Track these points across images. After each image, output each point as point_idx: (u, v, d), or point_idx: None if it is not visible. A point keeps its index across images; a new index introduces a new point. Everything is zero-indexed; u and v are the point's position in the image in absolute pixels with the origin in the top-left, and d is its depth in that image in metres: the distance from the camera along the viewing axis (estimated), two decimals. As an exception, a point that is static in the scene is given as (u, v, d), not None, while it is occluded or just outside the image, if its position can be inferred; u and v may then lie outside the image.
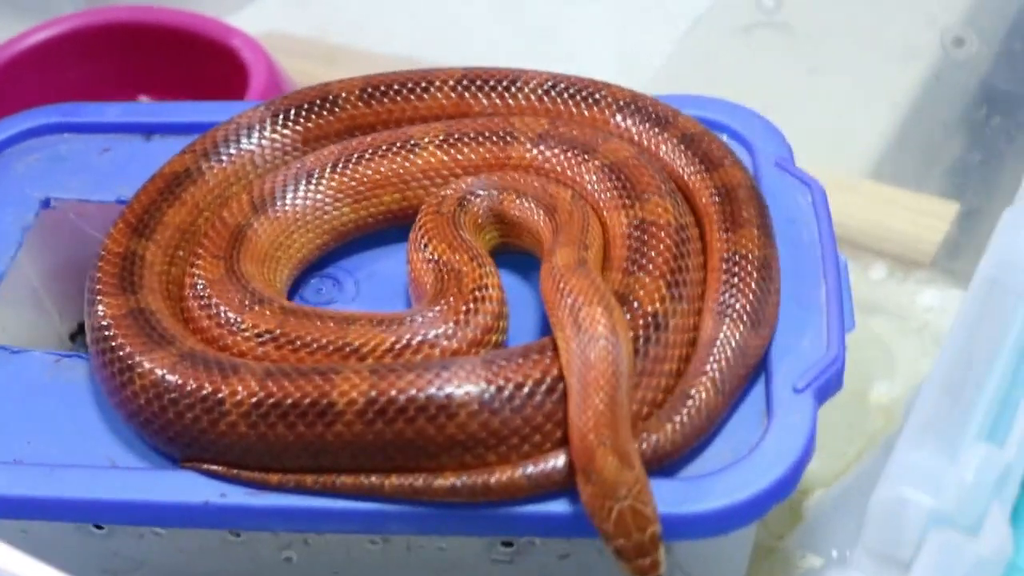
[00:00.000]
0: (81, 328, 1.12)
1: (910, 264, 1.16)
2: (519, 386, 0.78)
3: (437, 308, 0.84)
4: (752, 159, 0.97)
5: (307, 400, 0.78)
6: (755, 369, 0.84)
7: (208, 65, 1.30)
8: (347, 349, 0.83)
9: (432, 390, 0.78)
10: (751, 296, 0.84)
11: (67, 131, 1.07)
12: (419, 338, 0.83)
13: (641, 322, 0.81)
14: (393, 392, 0.78)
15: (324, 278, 0.96)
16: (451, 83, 1.00)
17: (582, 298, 0.80)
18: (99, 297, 0.88)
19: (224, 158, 0.97)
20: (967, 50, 1.18)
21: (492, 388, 0.78)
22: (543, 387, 0.78)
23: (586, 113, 0.98)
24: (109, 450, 0.84)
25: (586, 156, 0.93)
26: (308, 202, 0.95)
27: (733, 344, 0.82)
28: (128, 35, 1.32)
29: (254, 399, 0.79)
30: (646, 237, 0.86)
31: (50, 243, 1.04)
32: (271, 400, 0.79)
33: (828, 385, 0.83)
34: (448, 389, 0.78)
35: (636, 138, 0.96)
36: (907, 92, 1.26)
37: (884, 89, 1.24)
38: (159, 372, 0.81)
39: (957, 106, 1.17)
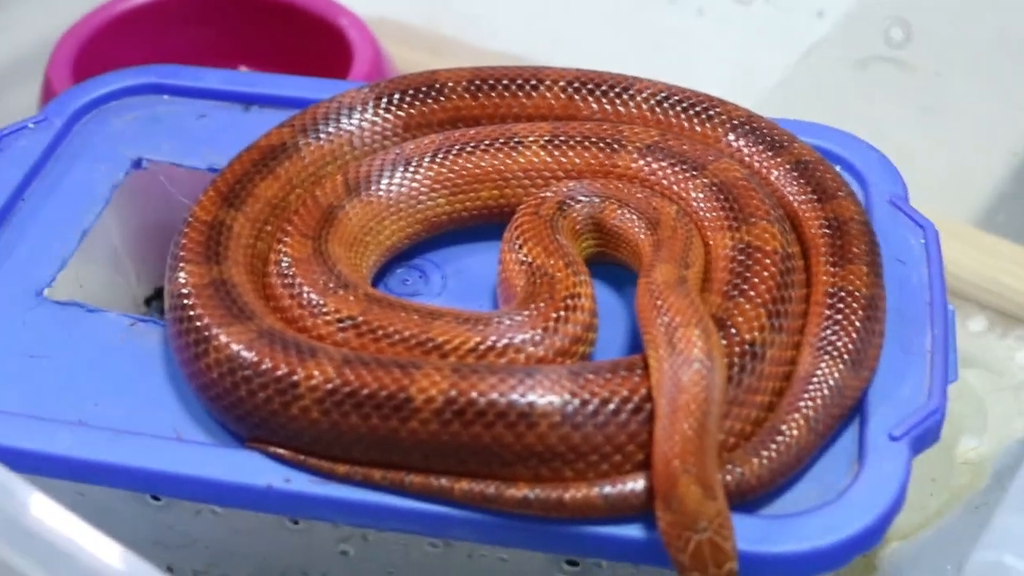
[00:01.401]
0: (157, 293, 1.10)
1: (1012, 319, 1.11)
2: (605, 402, 0.75)
3: (526, 312, 0.81)
4: (865, 194, 0.94)
5: (384, 392, 0.76)
6: (851, 411, 0.80)
7: (313, 42, 1.28)
8: (429, 344, 0.80)
9: (514, 396, 0.75)
10: (854, 335, 0.80)
11: (166, 93, 1.06)
12: (504, 341, 0.80)
13: (737, 349, 0.78)
14: (474, 394, 0.75)
15: (411, 269, 0.94)
16: (562, 83, 0.98)
17: (679, 318, 0.76)
18: (181, 264, 0.86)
19: (323, 136, 0.95)
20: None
21: (576, 401, 0.75)
22: (630, 405, 0.75)
23: (698, 129, 0.95)
24: (176, 421, 0.82)
25: (694, 172, 0.90)
26: (403, 189, 0.92)
27: (831, 383, 0.79)
28: (234, 3, 1.30)
29: (329, 385, 0.76)
30: (750, 262, 0.83)
31: (136, 204, 1.02)
32: (347, 388, 0.76)
33: (925, 436, 0.79)
34: (531, 397, 0.75)
35: (747, 159, 0.92)
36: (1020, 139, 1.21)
37: (1002, 136, 1.20)
38: (235, 347, 0.79)
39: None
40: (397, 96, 0.98)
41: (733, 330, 0.79)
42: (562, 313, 0.81)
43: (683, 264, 0.82)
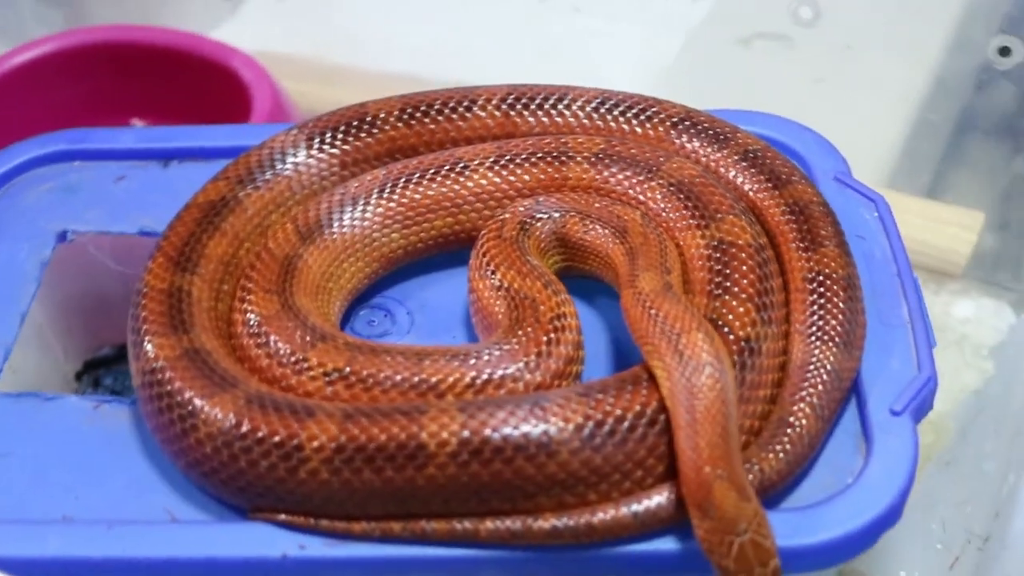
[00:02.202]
0: (86, 367, 1.06)
1: (943, 275, 1.14)
2: (620, 419, 0.74)
3: (515, 340, 0.80)
4: (809, 174, 0.95)
5: (395, 443, 0.74)
6: (849, 392, 0.81)
7: (207, 86, 1.24)
8: (424, 386, 0.78)
9: (529, 428, 0.74)
10: (840, 317, 0.81)
11: (78, 159, 1.02)
12: (500, 372, 0.78)
13: (735, 348, 0.78)
14: (487, 431, 0.73)
15: (374, 309, 0.92)
16: (495, 101, 0.96)
17: (679, 324, 0.76)
18: (148, 338, 0.82)
19: (261, 185, 0.92)
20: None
21: (592, 423, 0.74)
22: (644, 419, 0.75)
23: (639, 131, 0.95)
24: (166, 502, 0.79)
25: (649, 175, 0.89)
26: (357, 229, 0.90)
27: (828, 367, 0.80)
28: (118, 55, 1.26)
29: (336, 443, 0.74)
30: (727, 259, 0.83)
31: (62, 278, 0.98)
32: (355, 444, 0.74)
33: (923, 406, 0.81)
34: (547, 426, 0.74)
35: (695, 156, 0.92)
36: (916, 99, 1.24)
37: (903, 99, 1.22)
38: (226, 417, 0.76)
39: (987, 113, 1.16)
40: (329, 134, 0.95)
41: (727, 329, 0.79)
42: (552, 335, 0.80)
43: (664, 270, 0.82)
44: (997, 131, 1.15)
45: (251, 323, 0.83)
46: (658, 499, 0.74)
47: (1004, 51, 1.08)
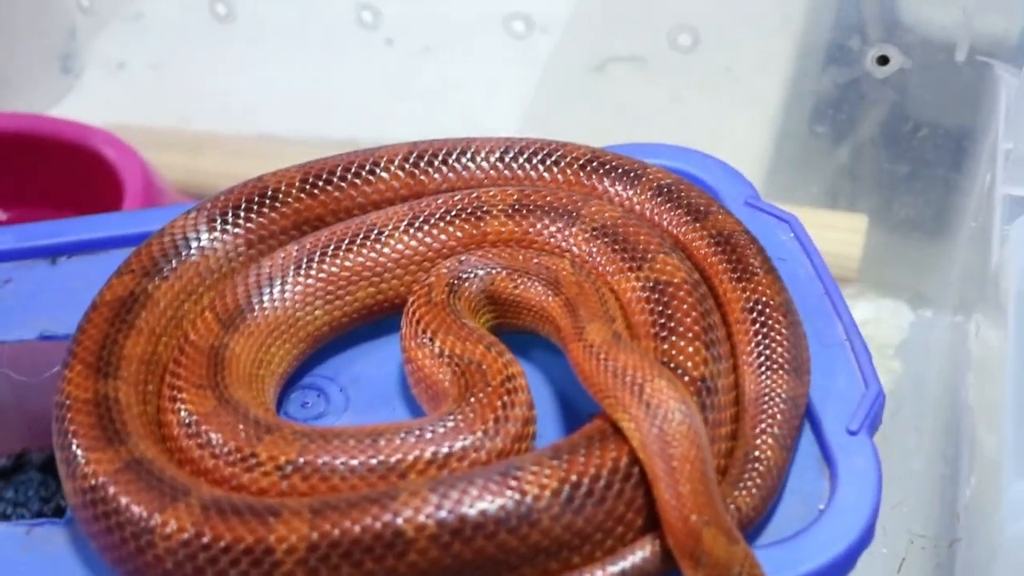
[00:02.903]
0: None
1: (838, 282, 1.16)
2: (595, 478, 0.73)
3: (469, 408, 0.78)
4: (721, 202, 0.95)
5: (371, 534, 0.71)
6: (803, 418, 0.81)
7: (68, 169, 1.18)
8: (383, 468, 0.76)
9: (507, 500, 0.72)
10: (786, 343, 0.82)
11: (-44, 266, 0.95)
12: (460, 444, 0.76)
13: (693, 388, 0.78)
14: (464, 509, 0.71)
15: (306, 390, 0.88)
16: (398, 161, 0.94)
17: (640, 374, 0.75)
18: (82, 453, 0.77)
19: (168, 274, 0.88)
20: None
21: (568, 486, 0.72)
22: (619, 475, 0.73)
23: (547, 176, 0.94)
24: (124, 625, 0.75)
25: (570, 222, 0.88)
26: (279, 311, 0.86)
27: (782, 395, 0.80)
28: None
29: (308, 542, 0.71)
30: (667, 299, 0.82)
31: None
32: (329, 540, 0.71)
33: (876, 421, 0.82)
34: (525, 496, 0.72)
35: (609, 196, 0.92)
36: (799, 114, 1.26)
37: (764, 111, 1.24)
38: (185, 529, 0.72)
39: (868, 121, 1.19)
40: (231, 213, 0.92)
41: (680, 371, 0.79)
42: (505, 399, 0.79)
43: (609, 318, 0.81)
44: (878, 137, 1.18)
45: (187, 423, 0.79)
46: (641, 553, 0.73)
47: (882, 60, 1.11)
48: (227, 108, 1.28)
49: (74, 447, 0.78)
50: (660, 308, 0.82)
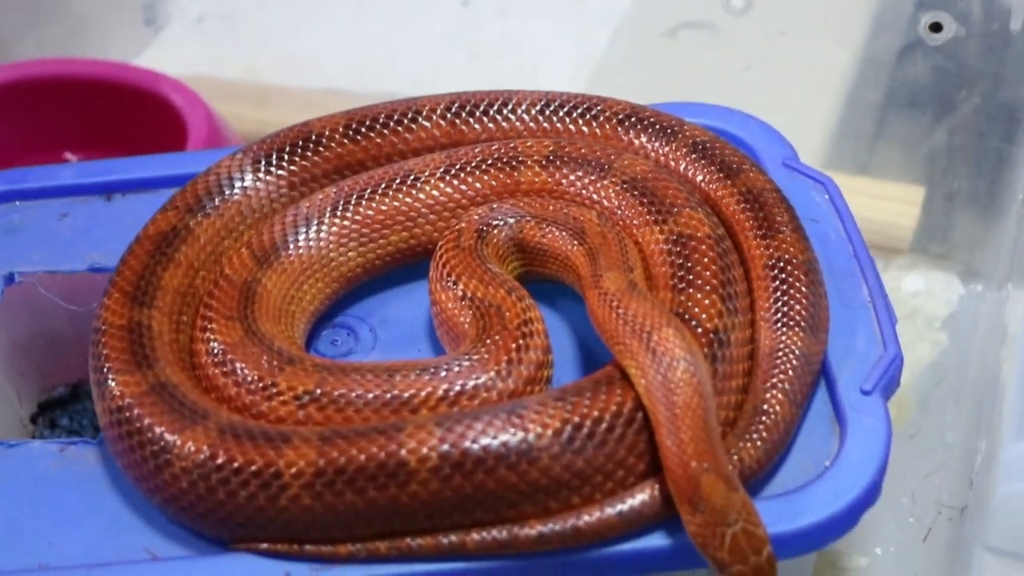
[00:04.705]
0: (41, 409, 1.04)
1: (889, 251, 1.16)
2: (598, 421, 0.74)
3: (484, 349, 0.80)
4: (758, 162, 0.95)
5: (375, 462, 0.73)
6: (818, 375, 0.81)
7: (138, 115, 1.22)
8: (396, 402, 0.78)
9: (509, 436, 0.73)
10: (804, 302, 0.82)
11: (18, 199, 0.99)
12: (472, 383, 0.78)
13: (704, 340, 0.79)
14: (467, 443, 0.73)
15: (337, 328, 0.91)
16: (440, 110, 0.96)
17: (648, 322, 0.76)
18: (112, 376, 0.80)
19: (211, 211, 0.91)
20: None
21: (571, 427, 0.74)
22: (622, 419, 0.75)
23: (586, 130, 0.95)
24: (144, 540, 0.78)
25: (602, 174, 0.89)
26: (313, 250, 0.89)
27: (796, 352, 0.80)
28: (45, 91, 1.23)
29: (315, 468, 0.73)
30: (688, 252, 0.83)
31: (11, 321, 0.96)
32: (335, 467, 0.73)
33: (891, 384, 0.82)
34: (527, 433, 0.73)
35: (645, 151, 0.93)
36: (851, 80, 1.25)
37: (833, 80, 1.23)
38: (201, 450, 0.75)
39: (921, 90, 1.18)
40: (275, 155, 0.94)
41: (694, 322, 0.79)
42: (520, 342, 0.80)
43: (627, 268, 0.82)
44: (933, 106, 1.16)
45: (215, 352, 0.82)
46: (641, 497, 0.74)
47: (935, 27, 1.10)
48: (296, 62, 1.31)
49: (105, 370, 0.81)
50: (680, 261, 0.83)
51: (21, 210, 0.99)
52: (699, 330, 0.79)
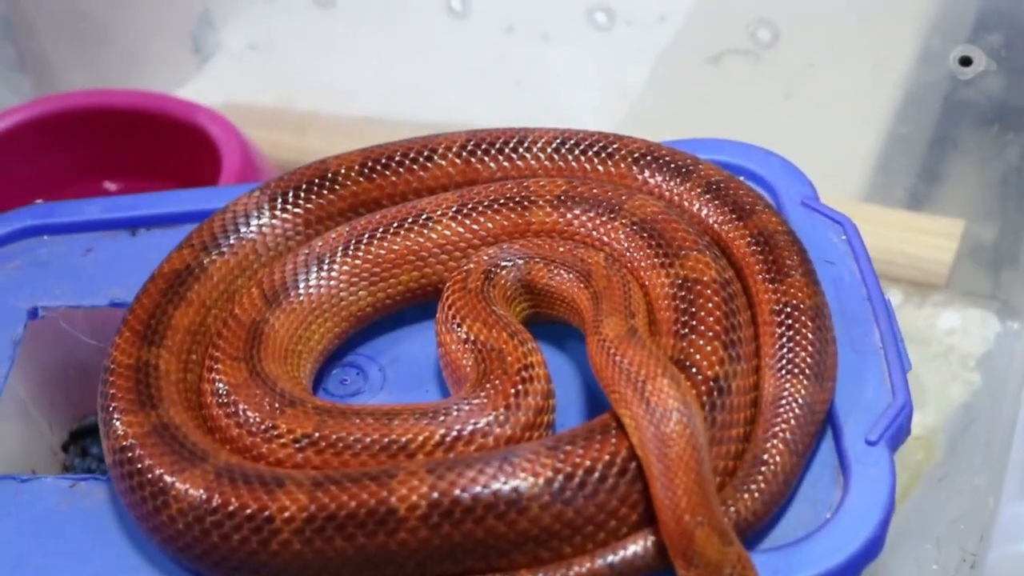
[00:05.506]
0: (72, 438, 1.06)
1: (925, 287, 1.13)
2: (589, 471, 0.74)
3: (484, 394, 0.79)
4: (776, 200, 0.94)
5: (364, 509, 0.73)
6: (823, 424, 0.80)
7: (176, 144, 1.24)
8: (394, 447, 0.78)
9: (498, 485, 0.73)
10: (810, 348, 0.80)
11: (46, 233, 1.01)
12: (470, 428, 0.78)
13: (704, 388, 0.77)
14: (457, 492, 0.73)
15: (346, 368, 0.91)
16: (455, 149, 0.96)
17: (644, 371, 0.75)
18: (116, 415, 0.81)
19: (225, 250, 0.92)
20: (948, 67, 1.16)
21: (561, 476, 0.73)
22: (614, 469, 0.74)
23: (601, 169, 0.94)
24: (145, 580, 0.79)
25: (612, 215, 0.89)
26: (323, 289, 0.89)
27: (800, 401, 0.79)
28: (87, 121, 1.26)
29: (306, 514, 0.73)
30: (692, 296, 0.82)
31: (39, 354, 0.98)
32: (325, 513, 0.73)
33: (899, 434, 0.80)
34: (516, 482, 0.73)
35: (659, 191, 0.92)
36: (891, 113, 1.23)
37: (872, 112, 1.21)
38: (196, 493, 0.75)
39: (955, 123, 1.15)
40: (291, 193, 0.95)
41: (694, 369, 0.78)
42: (520, 387, 0.80)
43: (628, 313, 0.81)
44: (966, 141, 1.14)
45: (219, 392, 0.83)
46: (633, 548, 0.73)
47: (964, 61, 1.07)
48: (334, 90, 1.32)
49: (111, 409, 0.82)
50: (684, 306, 0.82)
51: (48, 244, 1.01)
52: (699, 377, 0.78)
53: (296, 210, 0.95)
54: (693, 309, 0.82)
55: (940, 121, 1.16)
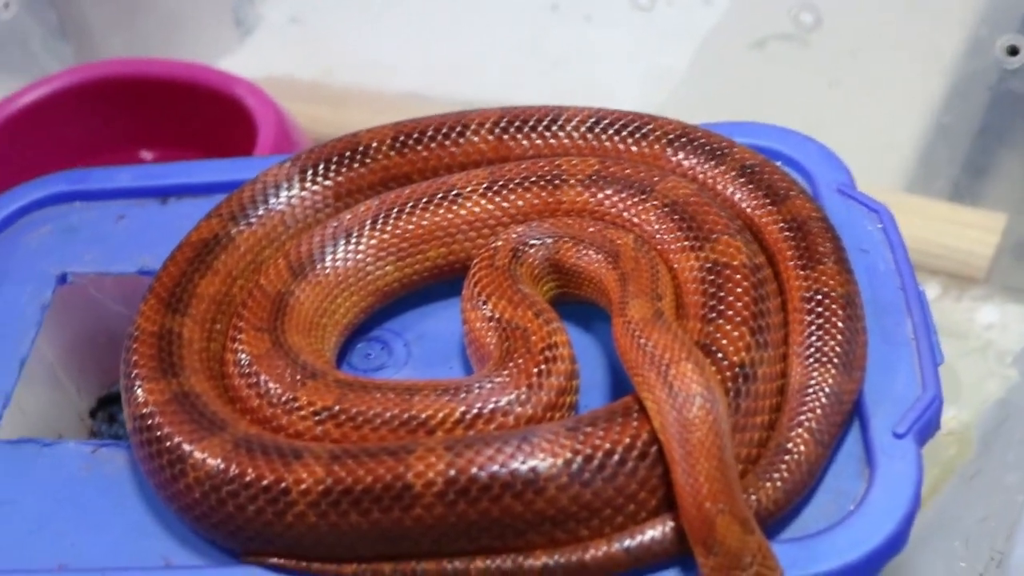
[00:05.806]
0: (100, 404, 1.06)
1: (964, 280, 1.11)
2: (609, 453, 0.73)
3: (506, 372, 0.79)
4: (812, 186, 0.92)
5: (381, 484, 0.72)
6: (850, 415, 0.78)
7: (212, 115, 1.24)
8: (414, 423, 0.77)
9: (516, 464, 0.72)
10: (839, 337, 0.79)
11: (78, 199, 1.01)
12: (491, 406, 0.77)
13: (729, 374, 0.76)
14: (474, 470, 0.72)
15: (371, 342, 0.91)
16: (488, 125, 0.95)
17: (668, 355, 0.74)
18: (138, 382, 0.81)
19: (253, 220, 0.92)
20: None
21: (580, 458, 0.72)
22: (634, 453, 0.73)
23: (634, 149, 0.93)
24: (162, 547, 0.78)
25: (643, 196, 0.87)
26: (349, 263, 0.89)
27: (826, 390, 0.77)
28: (124, 89, 1.26)
29: (322, 487, 0.73)
30: (721, 280, 0.81)
31: (68, 319, 0.98)
32: (341, 487, 0.73)
33: (928, 427, 0.78)
34: (534, 462, 0.72)
35: (692, 173, 0.90)
36: (936, 102, 1.21)
37: (917, 101, 1.19)
38: (213, 462, 0.75)
39: (1000, 114, 1.13)
40: (322, 166, 0.94)
41: (720, 355, 0.77)
42: (543, 367, 0.79)
43: (655, 296, 0.80)
44: (1012, 132, 1.11)
45: (242, 363, 0.83)
46: (651, 533, 0.72)
47: (1012, 50, 1.05)
48: (375, 66, 1.31)
49: (133, 376, 0.82)
50: (713, 290, 0.81)
51: (80, 211, 1.01)
52: (724, 362, 0.77)
53: (326, 182, 0.94)
54: (721, 293, 0.80)
55: (985, 112, 1.14)
